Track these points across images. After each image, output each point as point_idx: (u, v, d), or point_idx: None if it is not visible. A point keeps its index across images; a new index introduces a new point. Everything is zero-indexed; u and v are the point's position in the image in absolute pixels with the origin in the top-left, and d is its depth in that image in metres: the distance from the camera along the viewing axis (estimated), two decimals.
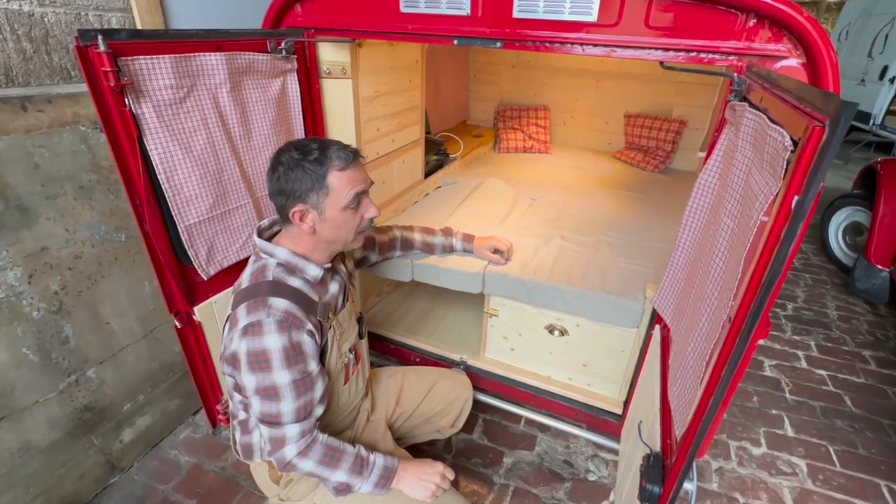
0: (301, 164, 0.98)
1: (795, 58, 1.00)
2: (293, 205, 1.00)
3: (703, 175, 1.02)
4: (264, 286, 0.98)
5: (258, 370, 0.94)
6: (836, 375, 2.29)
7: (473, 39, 1.23)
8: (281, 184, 1.00)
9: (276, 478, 1.17)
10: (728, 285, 0.70)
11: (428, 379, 1.52)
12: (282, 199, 1.01)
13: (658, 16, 1.07)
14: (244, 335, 0.93)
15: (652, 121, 2.93)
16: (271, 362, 0.94)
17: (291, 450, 1.01)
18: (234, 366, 0.98)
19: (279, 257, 1.03)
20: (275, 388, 0.96)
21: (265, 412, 0.98)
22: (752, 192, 0.68)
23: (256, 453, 1.14)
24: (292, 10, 1.40)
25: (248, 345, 0.93)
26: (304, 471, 1.03)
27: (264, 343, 0.93)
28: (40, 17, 1.27)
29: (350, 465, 1.05)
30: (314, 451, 1.03)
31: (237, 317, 0.96)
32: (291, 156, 0.99)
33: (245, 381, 0.96)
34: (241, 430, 1.15)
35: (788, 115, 0.61)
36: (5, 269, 1.25)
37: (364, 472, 1.06)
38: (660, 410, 1.03)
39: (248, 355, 0.94)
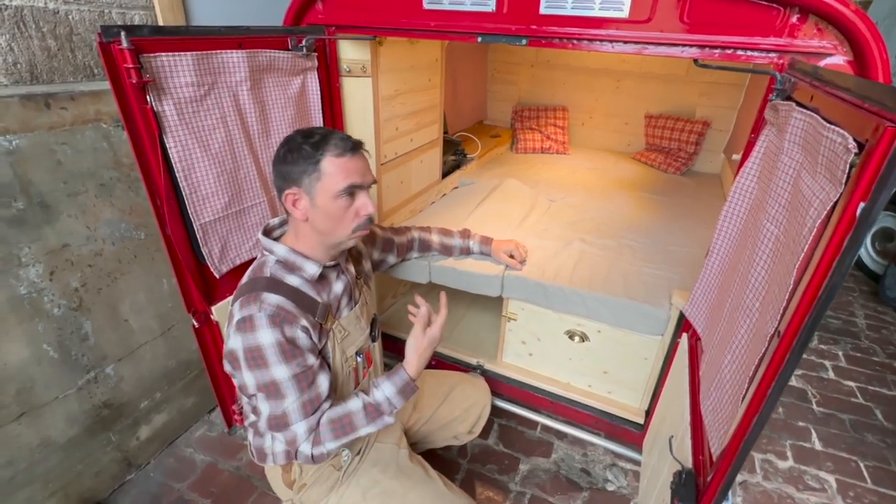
0: (300, 147, 0.96)
1: (841, 55, 0.95)
2: (287, 187, 0.98)
3: (741, 179, 0.97)
4: (260, 282, 0.97)
5: (255, 367, 0.93)
6: (865, 387, 2.20)
7: (498, 37, 1.19)
8: (279, 166, 0.99)
9: (290, 482, 1.16)
10: (775, 296, 0.66)
11: (446, 383, 1.49)
12: (279, 181, 1.00)
13: (693, 11, 1.03)
14: (237, 331, 0.93)
15: (674, 122, 2.86)
16: (266, 358, 0.92)
17: (305, 447, 1.00)
18: (234, 365, 0.97)
19: (278, 254, 1.02)
20: (275, 383, 0.94)
21: (272, 414, 0.97)
22: (803, 198, 0.63)
23: (269, 457, 1.13)
24: (313, 8, 1.38)
25: (242, 341, 0.92)
26: (331, 450, 1.02)
27: (257, 339, 0.91)
28: (65, 15, 1.27)
29: (365, 417, 1.03)
30: (325, 434, 1.01)
31: (232, 312, 0.97)
32: (294, 139, 0.98)
33: (246, 379, 0.95)
34: (254, 432, 1.14)
35: (849, 115, 0.57)
36: (27, 266, 1.26)
37: (384, 410, 1.05)
38: (690, 424, 0.99)
39: (244, 352, 0.93)
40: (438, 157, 2.25)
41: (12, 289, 1.24)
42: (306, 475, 1.14)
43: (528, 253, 1.63)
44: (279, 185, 1.01)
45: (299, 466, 1.13)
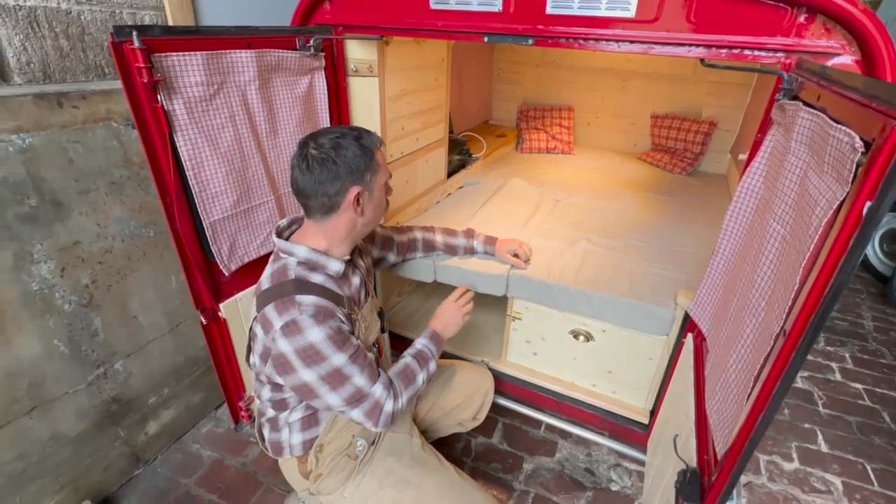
0: (351, 146, 0.97)
1: (850, 54, 0.95)
2: (348, 188, 0.98)
3: (747, 178, 0.97)
4: (288, 285, 0.97)
5: (313, 363, 0.94)
6: (872, 390, 2.19)
7: (504, 37, 1.20)
8: (337, 167, 0.96)
9: (306, 472, 1.17)
10: (780, 296, 0.66)
11: (448, 371, 1.51)
12: (335, 185, 0.97)
13: (700, 10, 1.03)
14: (284, 336, 0.93)
15: (680, 122, 2.85)
16: (322, 352, 0.94)
17: (388, 405, 1.03)
18: (285, 368, 0.96)
19: (299, 255, 1.02)
20: (339, 371, 0.96)
21: (347, 396, 0.98)
22: (810, 197, 0.63)
23: (286, 450, 1.15)
24: (321, 8, 1.39)
25: (292, 344, 0.93)
26: (405, 404, 1.08)
27: (308, 338, 0.93)
28: (77, 15, 1.29)
29: (419, 365, 1.15)
30: (399, 386, 1.08)
31: (268, 318, 0.95)
32: (333, 139, 0.97)
33: (306, 377, 0.95)
34: (271, 427, 1.15)
35: (857, 115, 0.57)
36: (39, 262, 1.28)
37: (428, 356, 1.18)
38: (695, 424, 0.99)
39: (297, 353, 0.93)
40: (444, 157, 2.25)
41: (25, 285, 1.26)
42: (322, 465, 1.16)
43: (532, 252, 1.63)
44: (334, 189, 0.97)
45: (315, 457, 1.15)
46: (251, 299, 1.41)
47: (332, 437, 1.15)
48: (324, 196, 0.98)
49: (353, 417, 1.02)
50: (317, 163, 0.96)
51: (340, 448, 1.16)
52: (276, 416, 1.13)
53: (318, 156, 0.96)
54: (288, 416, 1.12)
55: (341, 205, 1.00)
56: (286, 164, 1.39)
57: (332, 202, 0.99)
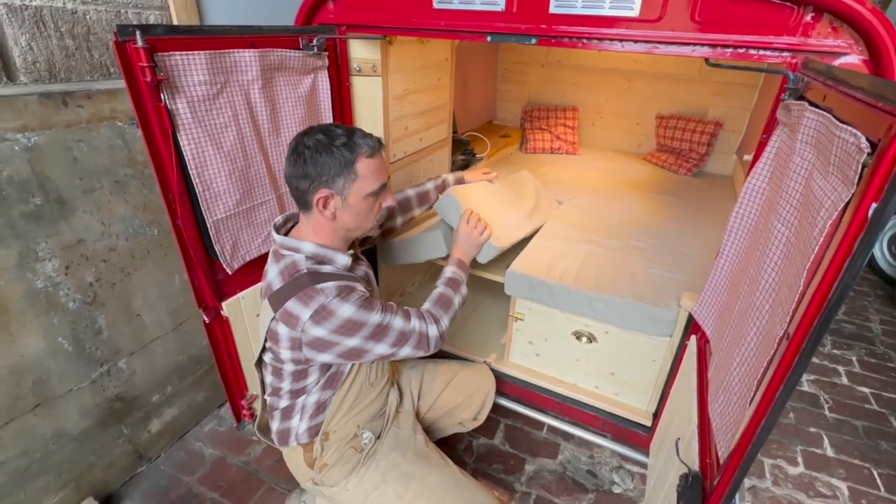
0: (329, 148, 0.96)
1: (857, 54, 0.93)
2: (317, 189, 0.98)
3: (752, 179, 0.96)
4: (304, 279, 0.97)
5: (355, 333, 0.98)
6: (880, 393, 2.16)
7: (507, 36, 1.19)
8: (307, 167, 0.97)
9: (311, 461, 1.18)
10: (785, 298, 0.65)
11: (448, 370, 1.51)
12: (305, 182, 0.98)
13: (705, 9, 1.02)
14: (317, 324, 0.94)
15: (686, 122, 2.83)
16: (359, 320, 0.97)
17: (432, 329, 1.10)
18: (326, 346, 0.98)
19: (306, 251, 1.02)
20: (378, 326, 1.00)
21: (393, 341, 1.03)
22: (815, 199, 0.62)
23: (292, 437, 1.16)
24: (324, 7, 1.39)
25: (327, 327, 0.95)
26: (448, 325, 1.16)
27: (341, 315, 0.95)
28: (82, 15, 1.30)
29: (452, 290, 1.24)
30: (437, 312, 1.15)
31: (293, 313, 0.95)
32: (318, 139, 0.97)
33: (351, 343, 0.99)
34: (282, 417, 1.16)
35: (863, 115, 0.56)
36: (44, 261, 1.29)
37: (459, 279, 1.28)
38: (697, 427, 0.98)
39: (335, 332, 0.96)
40: (447, 157, 2.25)
41: (29, 283, 1.27)
42: (328, 454, 1.17)
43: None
44: (303, 187, 0.99)
45: (321, 445, 1.16)
46: (254, 298, 1.41)
47: (336, 425, 1.16)
48: (296, 190, 1.01)
49: (405, 355, 1.07)
50: (294, 156, 0.99)
51: (345, 438, 1.17)
52: (291, 404, 1.14)
53: (298, 150, 0.98)
54: (305, 399, 1.13)
55: (311, 204, 1.01)
56: None
57: (304, 199, 1.01)
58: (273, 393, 1.14)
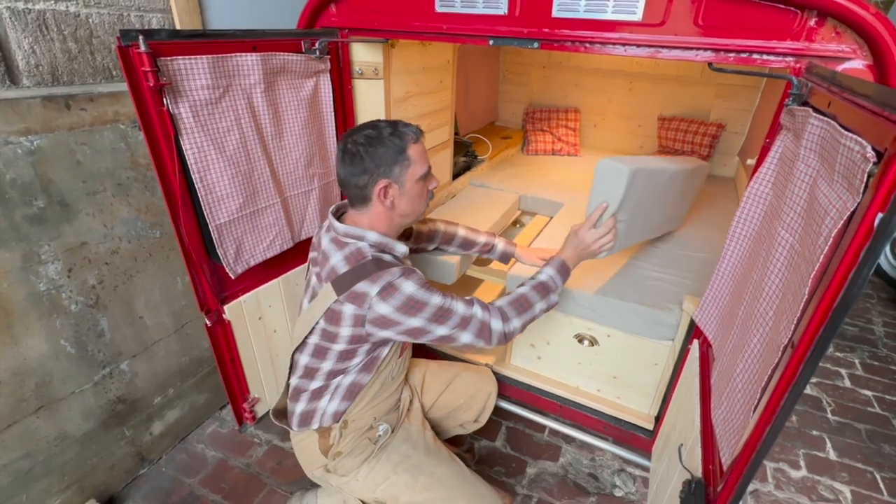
0: (381, 140, 1.02)
1: (861, 59, 0.93)
2: (377, 180, 1.04)
3: (755, 184, 0.96)
4: (370, 265, 1.02)
5: (418, 311, 1.01)
6: (882, 397, 2.15)
7: (510, 40, 1.19)
8: (365, 162, 1.02)
9: (326, 448, 1.18)
10: (789, 306, 0.65)
11: (449, 370, 1.51)
12: (364, 178, 1.03)
13: (708, 14, 1.02)
14: (383, 300, 0.99)
15: (688, 124, 2.82)
16: (421, 299, 1.01)
17: (496, 324, 1.10)
18: (388, 324, 1.02)
19: (371, 239, 1.07)
20: (440, 308, 1.03)
21: (455, 325, 1.05)
22: (820, 207, 0.62)
23: (317, 419, 1.17)
24: (327, 10, 1.39)
25: (392, 303, 0.99)
26: (517, 328, 1.14)
27: (405, 291, 1.00)
28: (85, 18, 1.30)
29: (537, 295, 1.18)
30: (509, 312, 1.13)
31: (361, 292, 0.99)
32: (367, 134, 1.02)
33: (413, 324, 1.02)
34: (311, 398, 1.17)
35: (868, 123, 0.55)
36: (47, 263, 1.29)
37: (551, 287, 1.20)
38: (700, 432, 0.98)
39: (399, 309, 1.00)
40: (449, 159, 2.25)
41: (32, 285, 1.27)
42: (344, 442, 1.18)
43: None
44: (362, 182, 1.04)
45: (339, 432, 1.17)
46: (256, 301, 1.42)
47: (356, 414, 1.18)
48: (355, 188, 1.05)
49: (467, 341, 1.08)
50: (349, 156, 1.03)
51: (362, 429, 1.19)
52: (325, 384, 1.15)
53: (351, 149, 1.03)
54: (341, 380, 1.15)
55: (372, 197, 1.06)
56: (292, 167, 1.40)
57: (363, 194, 1.06)
58: (306, 375, 1.15)
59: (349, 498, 1.27)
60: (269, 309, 1.49)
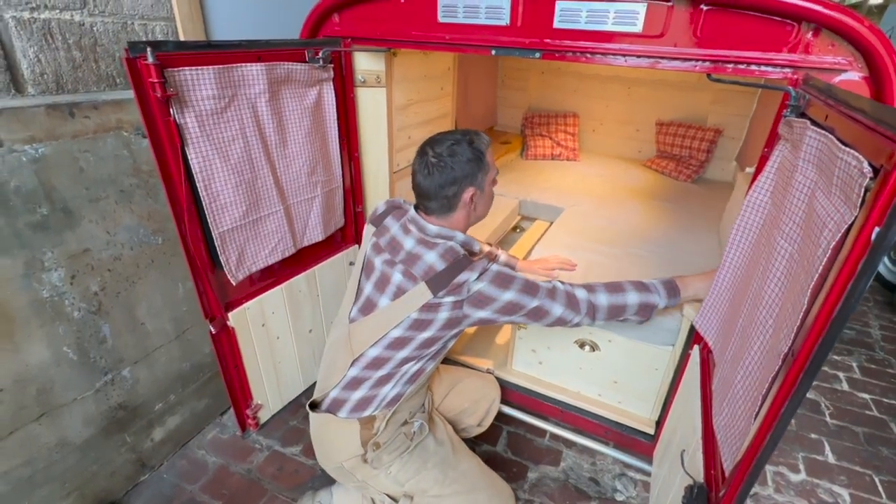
0: (465, 149, 1.08)
1: (856, 71, 0.95)
2: (466, 188, 1.09)
3: (753, 193, 0.97)
4: (464, 260, 1.07)
5: (509, 284, 1.07)
6: (880, 400, 2.17)
7: (512, 50, 1.21)
8: (455, 172, 1.08)
9: (367, 438, 1.19)
10: (788, 315, 0.66)
11: (454, 375, 1.53)
12: (453, 188, 1.09)
13: (707, 26, 1.03)
14: (479, 279, 1.05)
15: (685, 129, 2.85)
16: (509, 275, 1.08)
17: (580, 293, 1.14)
18: (486, 303, 1.06)
19: (459, 239, 1.13)
20: (526, 282, 1.09)
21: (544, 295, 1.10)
22: (818, 218, 0.64)
23: (374, 405, 1.18)
24: (330, 20, 1.41)
25: (486, 279, 1.06)
26: (604, 305, 1.16)
27: (495, 270, 1.07)
28: (90, 27, 1.31)
29: (634, 287, 1.19)
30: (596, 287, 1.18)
31: (460, 280, 1.04)
32: (450, 147, 1.08)
33: (507, 297, 1.06)
34: (375, 384, 1.18)
35: (864, 138, 0.57)
36: (50, 270, 1.29)
37: (650, 287, 1.20)
38: (702, 438, 0.99)
39: (493, 283, 1.06)
40: None
41: (35, 292, 1.27)
42: (384, 433, 1.19)
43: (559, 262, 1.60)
44: (452, 192, 1.09)
45: (385, 422, 1.19)
46: (259, 308, 1.42)
47: (400, 404, 1.20)
48: (443, 198, 1.10)
49: (560, 314, 1.12)
50: (436, 169, 1.08)
51: (399, 421, 1.22)
52: (393, 371, 1.16)
53: (437, 163, 1.08)
54: (410, 367, 1.18)
55: (458, 205, 1.12)
56: (296, 175, 1.41)
57: (450, 203, 1.11)
58: (372, 365, 1.16)
59: (371, 491, 1.27)
60: (272, 316, 1.50)
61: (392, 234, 1.16)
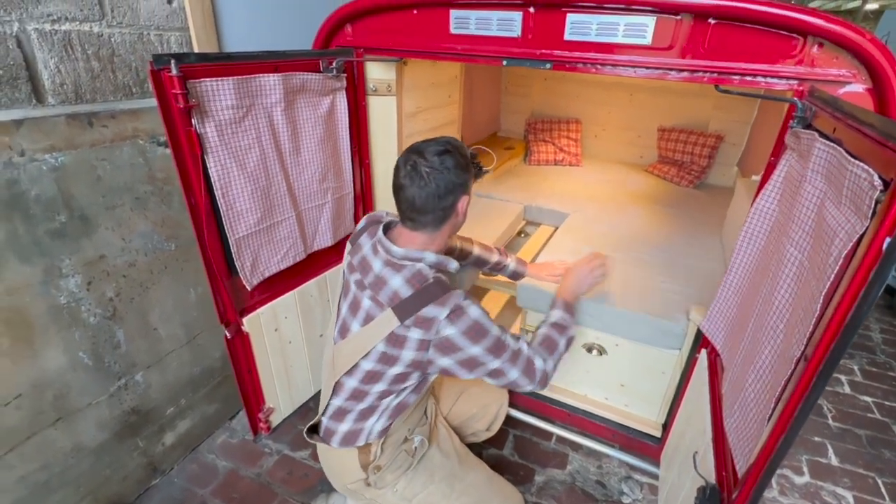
0: (455, 157, 1.01)
1: (860, 83, 0.98)
2: (462, 195, 1.04)
3: (760, 200, 1.00)
4: (434, 287, 1.01)
5: (480, 338, 1.01)
6: (882, 403, 2.20)
7: (523, 61, 1.24)
8: (452, 181, 1.01)
9: (367, 463, 1.18)
10: (800, 320, 0.69)
11: (461, 381, 1.53)
12: (450, 198, 1.02)
13: (714, 39, 1.06)
14: (451, 322, 0.98)
15: (687, 135, 2.89)
16: (484, 326, 1.01)
17: (538, 362, 1.11)
18: (452, 348, 1.01)
19: (429, 261, 1.05)
20: (498, 339, 1.04)
21: (507, 359, 1.05)
22: (828, 227, 0.66)
23: (362, 437, 1.16)
24: (342, 31, 1.44)
25: (459, 326, 0.99)
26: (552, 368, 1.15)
27: (472, 316, 1.00)
28: (108, 38, 1.33)
29: (558, 335, 1.21)
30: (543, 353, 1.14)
31: (429, 316, 0.98)
32: (440, 157, 1.00)
33: (473, 352, 1.01)
34: (358, 418, 1.15)
35: (874, 152, 0.60)
36: (67, 277, 1.31)
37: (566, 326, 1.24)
38: (712, 440, 1.01)
39: (464, 334, 0.99)
40: None
41: (53, 298, 1.29)
42: (383, 457, 1.19)
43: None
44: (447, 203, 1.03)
45: (380, 447, 1.17)
46: (273, 313, 1.44)
47: (394, 427, 1.19)
48: (440, 210, 1.03)
49: (513, 380, 1.08)
50: (433, 178, 1.00)
51: (398, 442, 1.20)
52: (374, 405, 1.14)
53: (431, 172, 1.00)
54: (391, 400, 1.15)
55: (452, 215, 1.06)
56: (308, 182, 1.43)
57: (445, 214, 1.05)
58: (353, 397, 1.14)
59: None
60: (284, 321, 1.52)
61: (363, 254, 1.10)
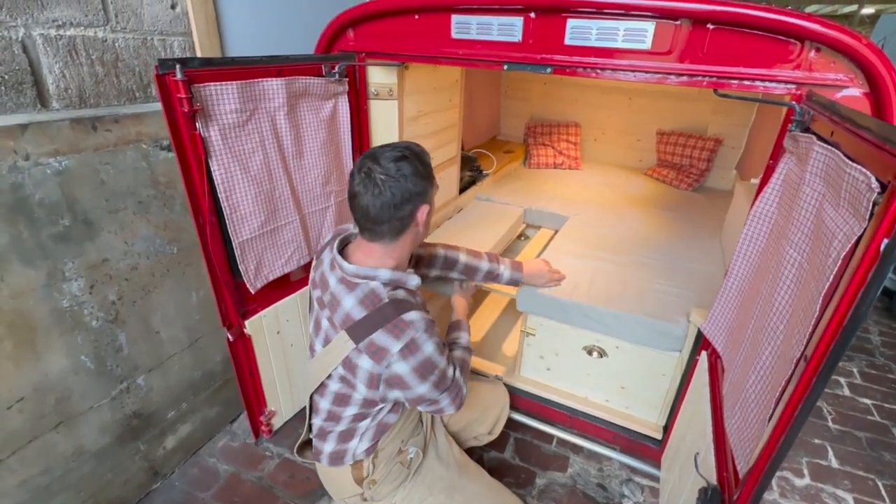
0: (413, 164, 0.95)
1: (857, 87, 0.99)
2: (420, 205, 0.98)
3: (760, 203, 1.01)
4: (388, 309, 0.95)
5: (429, 374, 0.98)
6: (881, 405, 2.20)
7: (524, 65, 1.25)
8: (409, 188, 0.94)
9: (360, 478, 1.18)
10: (800, 322, 0.69)
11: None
12: (408, 206, 0.96)
13: (713, 44, 1.08)
14: (403, 358, 0.94)
15: (686, 138, 2.90)
16: (435, 362, 0.99)
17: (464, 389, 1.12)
18: (400, 385, 0.98)
19: (383, 278, 0.99)
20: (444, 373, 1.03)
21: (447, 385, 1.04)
22: (827, 229, 0.67)
23: (349, 456, 1.15)
24: (344, 36, 1.45)
25: (410, 363, 0.95)
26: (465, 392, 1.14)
27: (424, 353, 0.96)
28: (112, 43, 1.34)
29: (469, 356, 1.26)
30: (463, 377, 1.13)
31: (381, 345, 0.94)
32: (396, 164, 0.94)
33: (419, 391, 0.99)
34: (340, 440, 1.15)
35: (871, 155, 0.61)
36: (70, 280, 1.32)
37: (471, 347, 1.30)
38: (713, 441, 1.01)
39: (414, 371, 0.96)
40: (456, 174, 2.30)
41: (56, 302, 1.29)
42: (377, 471, 1.18)
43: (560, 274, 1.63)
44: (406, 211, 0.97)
45: (372, 463, 1.17)
46: (275, 316, 1.45)
47: (386, 443, 1.18)
48: (397, 220, 0.97)
49: (443, 406, 1.07)
50: (387, 186, 0.93)
51: (391, 454, 1.19)
52: (352, 427, 1.13)
53: (386, 179, 0.93)
54: (368, 423, 1.13)
55: (410, 226, 1.00)
56: (311, 185, 1.44)
57: (403, 224, 0.99)
58: (330, 418, 1.13)
59: None
60: (286, 323, 1.53)
61: (322, 270, 1.06)
